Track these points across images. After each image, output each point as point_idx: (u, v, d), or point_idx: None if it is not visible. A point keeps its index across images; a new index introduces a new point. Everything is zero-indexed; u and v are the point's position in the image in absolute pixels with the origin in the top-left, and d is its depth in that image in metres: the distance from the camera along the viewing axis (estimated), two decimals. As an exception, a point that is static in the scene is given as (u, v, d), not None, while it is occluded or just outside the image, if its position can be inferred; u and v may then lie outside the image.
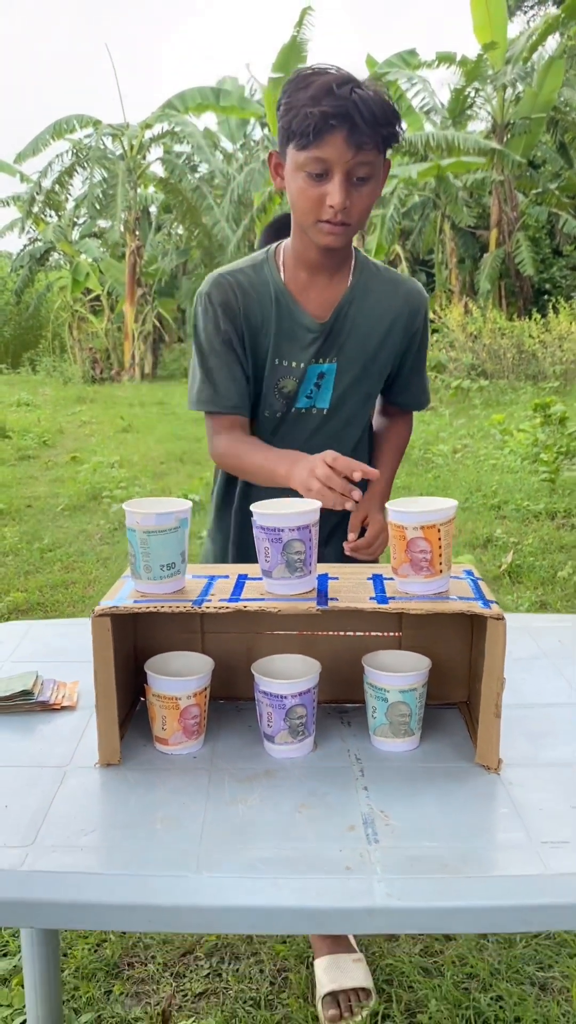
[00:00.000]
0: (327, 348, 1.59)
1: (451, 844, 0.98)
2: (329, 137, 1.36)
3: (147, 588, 1.17)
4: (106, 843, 0.99)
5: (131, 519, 1.16)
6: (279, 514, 1.14)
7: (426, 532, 1.13)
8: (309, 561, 1.16)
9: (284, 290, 1.58)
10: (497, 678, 1.11)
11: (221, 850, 0.97)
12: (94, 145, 15.45)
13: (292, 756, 1.17)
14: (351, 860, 0.95)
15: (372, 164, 1.41)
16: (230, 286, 1.57)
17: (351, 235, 1.50)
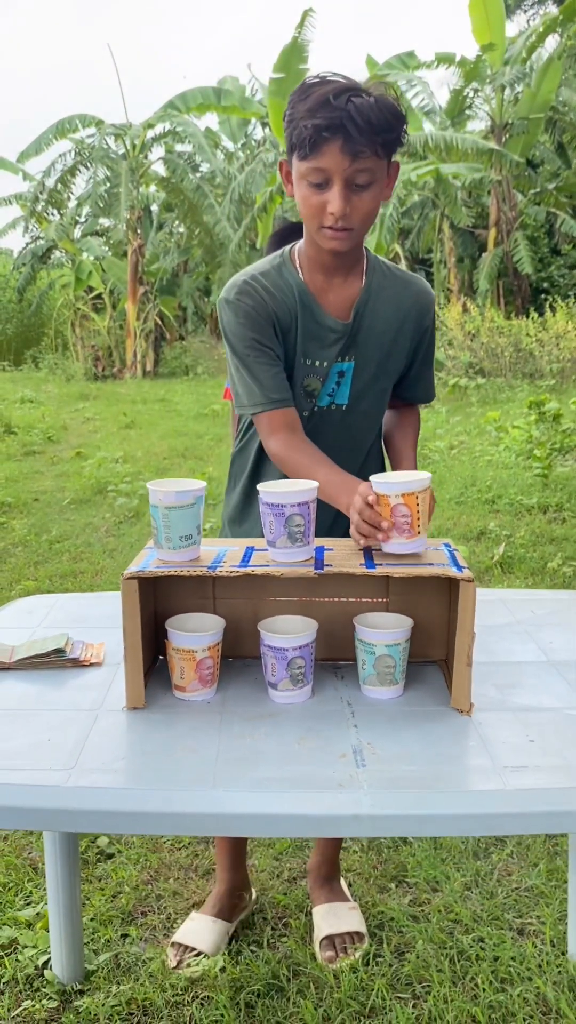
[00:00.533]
0: (347, 347, 1.67)
1: (427, 768, 1.17)
2: (326, 148, 1.43)
3: (167, 556, 1.36)
4: (136, 766, 1.17)
5: (154, 496, 1.34)
6: (282, 491, 1.32)
7: (406, 499, 1.32)
8: (308, 533, 1.34)
9: (306, 291, 1.64)
10: (468, 632, 1.29)
11: (233, 771, 1.16)
12: (97, 144, 15.61)
13: (293, 701, 1.36)
14: (342, 779, 1.14)
15: (371, 170, 1.47)
16: (257, 290, 1.62)
17: (356, 239, 1.57)
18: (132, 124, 16.15)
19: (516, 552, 4.92)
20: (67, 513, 6.20)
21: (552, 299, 14.31)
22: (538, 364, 12.39)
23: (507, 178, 15.36)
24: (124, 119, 16.44)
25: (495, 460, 7.12)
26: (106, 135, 15.82)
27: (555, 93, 14.69)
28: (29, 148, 16.24)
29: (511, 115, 15.13)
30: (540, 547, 5.02)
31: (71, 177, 16.49)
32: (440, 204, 15.95)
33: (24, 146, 16.38)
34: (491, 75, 14.91)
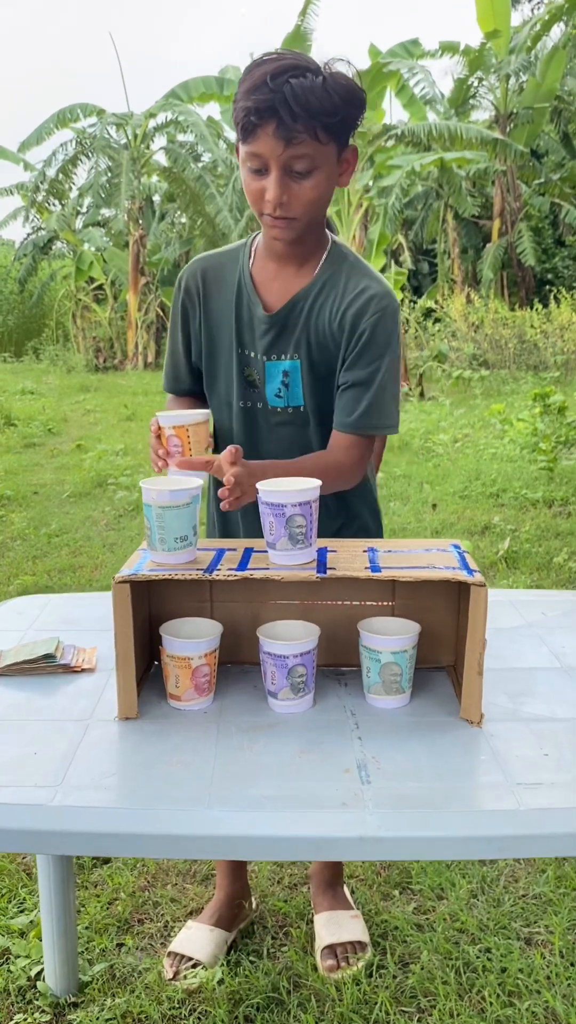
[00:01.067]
0: (283, 343, 1.56)
1: (436, 784, 1.10)
2: (260, 132, 1.36)
3: (161, 559, 1.29)
4: (127, 783, 1.11)
5: (147, 495, 1.28)
6: (283, 491, 1.26)
7: (177, 431, 1.39)
8: (310, 534, 1.27)
9: (248, 279, 1.58)
10: (479, 639, 1.23)
11: (230, 788, 1.09)
12: (98, 134, 15.50)
13: (293, 711, 1.29)
14: (346, 797, 1.07)
15: (310, 157, 1.38)
16: (193, 273, 1.63)
17: (300, 228, 1.47)
18: (134, 113, 16.03)
19: (521, 547, 4.85)
20: (67, 506, 6.14)
21: (556, 290, 14.21)
22: (542, 356, 12.31)
23: (511, 168, 15.24)
24: (126, 108, 16.32)
25: (500, 453, 7.04)
26: (107, 124, 15.69)
27: (560, 82, 14.55)
28: (30, 138, 16.12)
29: (516, 104, 15.00)
30: (546, 542, 4.95)
31: (72, 167, 16.38)
32: (444, 194, 15.83)
33: (25, 135, 16.27)
34: (496, 64, 14.78)
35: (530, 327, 12.56)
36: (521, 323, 12.67)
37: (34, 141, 16.11)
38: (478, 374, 11.42)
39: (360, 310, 1.51)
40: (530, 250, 15.01)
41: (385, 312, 1.51)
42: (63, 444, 8.52)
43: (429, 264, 18.36)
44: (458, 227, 16.52)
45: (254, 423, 1.62)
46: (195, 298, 1.62)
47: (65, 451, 8.13)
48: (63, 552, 5.08)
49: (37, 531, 5.49)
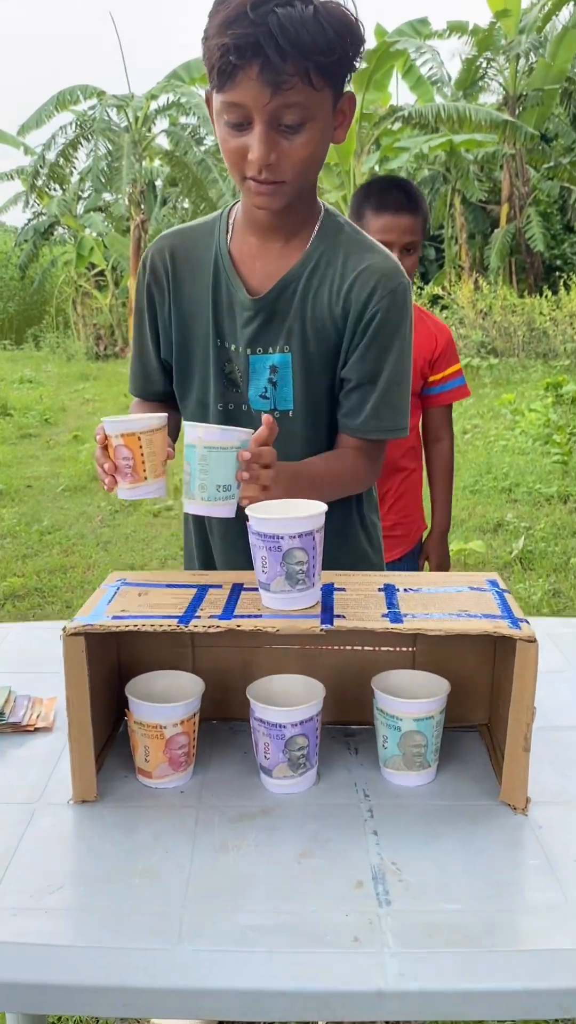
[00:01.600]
0: (270, 333, 1.30)
1: (474, 906, 0.85)
2: (241, 76, 1.08)
3: (198, 509, 1.10)
4: (76, 903, 0.86)
5: (192, 434, 1.09)
6: (278, 519, 1.00)
7: (127, 440, 1.12)
8: (312, 572, 1.02)
9: (226, 256, 1.31)
10: (527, 708, 0.97)
11: (207, 913, 0.84)
12: (98, 117, 15.16)
13: (292, 791, 1.04)
14: (359, 928, 0.82)
15: (302, 106, 1.11)
16: (162, 249, 1.35)
17: (289, 193, 1.21)
18: (135, 95, 15.68)
19: (536, 546, 4.59)
20: (60, 501, 5.89)
21: (566, 276, 13.88)
22: (552, 343, 11.99)
23: (520, 152, 14.87)
24: (127, 90, 15.96)
25: (511, 445, 6.76)
26: (108, 107, 15.35)
27: (571, 63, 14.15)
28: (29, 121, 15.77)
29: (525, 86, 14.61)
30: (562, 540, 4.69)
31: (72, 151, 16.04)
32: (451, 178, 15.48)
33: (24, 118, 15.93)
34: (505, 44, 14.39)
35: (539, 314, 12.24)
36: (530, 310, 12.35)
37: (34, 124, 15.76)
38: (487, 362, 11.13)
39: (366, 291, 1.26)
40: (539, 235, 14.64)
41: (395, 293, 1.27)
42: (60, 435, 8.27)
43: (436, 250, 17.99)
44: (465, 212, 16.16)
45: (235, 424, 1.32)
46: (163, 281, 1.35)
47: (61, 442, 7.88)
48: (55, 551, 4.84)
49: (28, 528, 5.25)
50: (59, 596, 4.16)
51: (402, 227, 1.99)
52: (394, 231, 1.99)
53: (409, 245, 2.02)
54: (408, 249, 2.02)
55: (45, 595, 4.18)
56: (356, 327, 1.27)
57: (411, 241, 2.02)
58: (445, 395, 2.23)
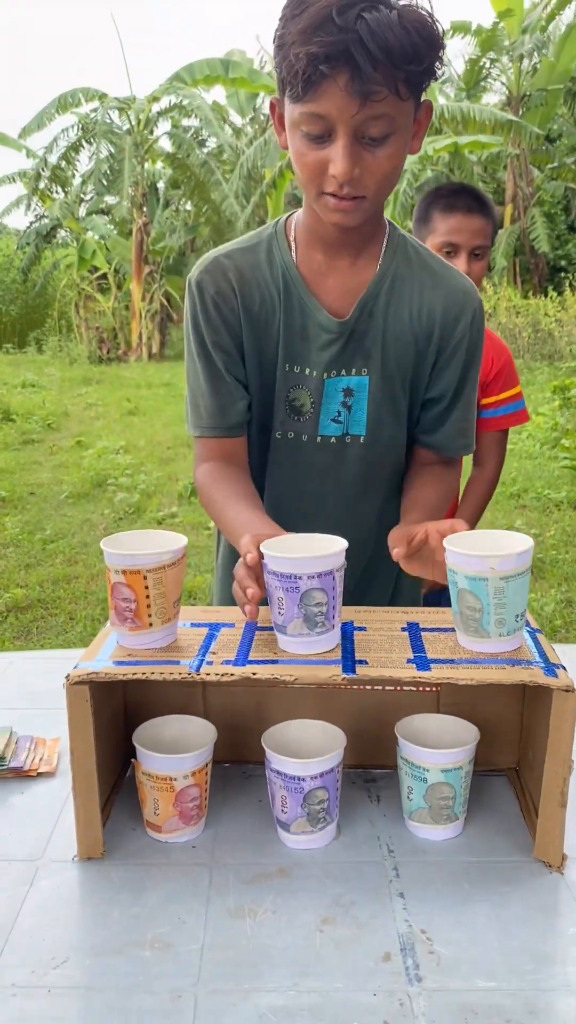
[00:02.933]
0: (350, 355, 1.25)
1: (512, 983, 0.78)
2: (326, 86, 1.02)
3: (490, 647, 0.97)
4: (82, 980, 0.79)
5: (478, 565, 0.93)
6: (295, 558, 0.93)
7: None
8: (332, 614, 0.95)
9: (296, 275, 1.24)
10: (564, 761, 0.91)
11: (223, 992, 0.77)
12: (100, 119, 15.12)
13: (311, 847, 0.97)
14: (389, 1010, 0.75)
15: (390, 117, 1.06)
16: (225, 271, 1.24)
17: (369, 210, 1.16)
18: (136, 98, 15.63)
19: (547, 554, 4.53)
20: (64, 508, 5.83)
21: (571, 277, 13.81)
22: (557, 345, 11.93)
23: (524, 152, 14.81)
24: (128, 92, 15.92)
25: (518, 449, 6.69)
26: (109, 109, 15.30)
27: (575, 64, 14.09)
28: (31, 123, 15.72)
29: (529, 86, 14.55)
30: (574, 548, 4.62)
31: (74, 153, 16.00)
32: (455, 179, 15.41)
33: (26, 121, 15.90)
34: (508, 44, 14.33)
35: (544, 315, 12.18)
36: (535, 311, 12.30)
37: (35, 127, 15.71)
38: (492, 364, 11.05)
39: (453, 313, 1.25)
40: (543, 236, 14.58)
41: (477, 312, 1.27)
42: (63, 440, 8.21)
43: (439, 251, 17.95)
44: (469, 213, 16.09)
45: (292, 456, 1.29)
46: (233, 303, 1.24)
47: (64, 448, 7.82)
48: (58, 560, 4.78)
49: (31, 536, 5.18)
50: (62, 608, 4.10)
51: (473, 229, 1.93)
52: (464, 233, 1.93)
53: (478, 249, 1.95)
54: (477, 254, 1.96)
55: (48, 607, 4.12)
56: (442, 346, 1.26)
57: (480, 245, 1.95)
58: (498, 420, 2.09)
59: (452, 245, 1.93)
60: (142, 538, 1.02)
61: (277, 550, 0.96)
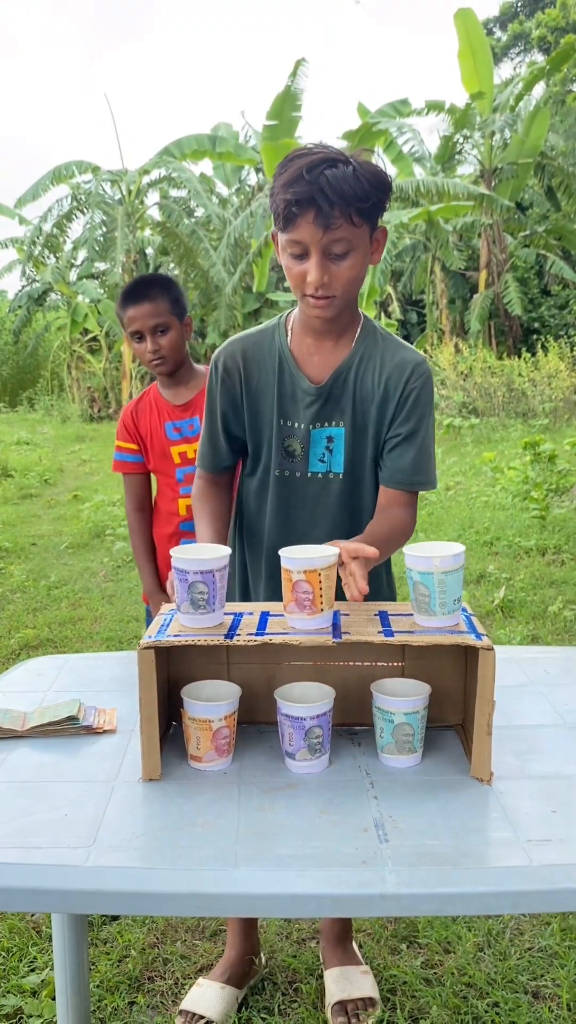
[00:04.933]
0: (328, 411, 1.67)
1: (450, 842, 1.15)
2: (300, 220, 1.46)
3: (439, 623, 1.34)
4: (156, 843, 1.16)
5: (427, 563, 1.32)
6: (187, 559, 1.33)
7: (308, 575, 1.31)
8: (213, 600, 1.35)
9: (288, 355, 1.68)
10: (488, 701, 1.29)
11: (254, 848, 1.14)
12: (93, 190, 15.83)
13: (311, 771, 1.35)
14: (366, 855, 1.12)
15: (347, 240, 1.48)
16: (232, 354, 1.71)
17: (340, 305, 1.58)
18: (128, 170, 16.39)
19: (516, 596, 4.92)
20: (65, 558, 6.19)
21: (543, 339, 14.45)
22: (531, 403, 12.47)
23: (497, 222, 15.59)
24: (120, 165, 16.69)
25: (492, 501, 7.14)
26: (103, 181, 16.04)
27: (543, 139, 14.95)
28: (26, 194, 16.44)
29: (500, 160, 15.40)
30: (540, 590, 5.02)
31: (67, 221, 16.69)
32: (432, 247, 16.17)
33: (21, 191, 16.60)
34: (480, 122, 15.20)
35: (518, 375, 12.75)
36: (509, 371, 12.87)
37: (30, 197, 16.43)
38: (468, 422, 11.58)
39: (404, 376, 1.66)
40: (517, 300, 15.29)
41: (426, 378, 1.68)
42: (60, 495, 8.60)
43: (418, 314, 18.67)
44: (445, 278, 16.85)
45: (288, 489, 1.72)
46: (236, 377, 1.70)
47: (62, 501, 8.20)
48: (63, 604, 5.12)
49: (36, 583, 5.53)
50: (70, 646, 4.44)
51: (144, 314, 2.27)
52: (138, 320, 2.27)
53: (159, 327, 2.28)
54: (161, 331, 2.28)
55: (57, 645, 4.46)
56: (399, 401, 1.66)
57: (157, 324, 2.27)
58: None
59: (137, 332, 2.30)
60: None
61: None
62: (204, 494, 1.81)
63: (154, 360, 2.32)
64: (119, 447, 2.47)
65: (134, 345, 2.35)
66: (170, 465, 2.41)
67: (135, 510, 2.49)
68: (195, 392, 2.39)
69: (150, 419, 2.42)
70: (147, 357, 2.32)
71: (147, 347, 2.30)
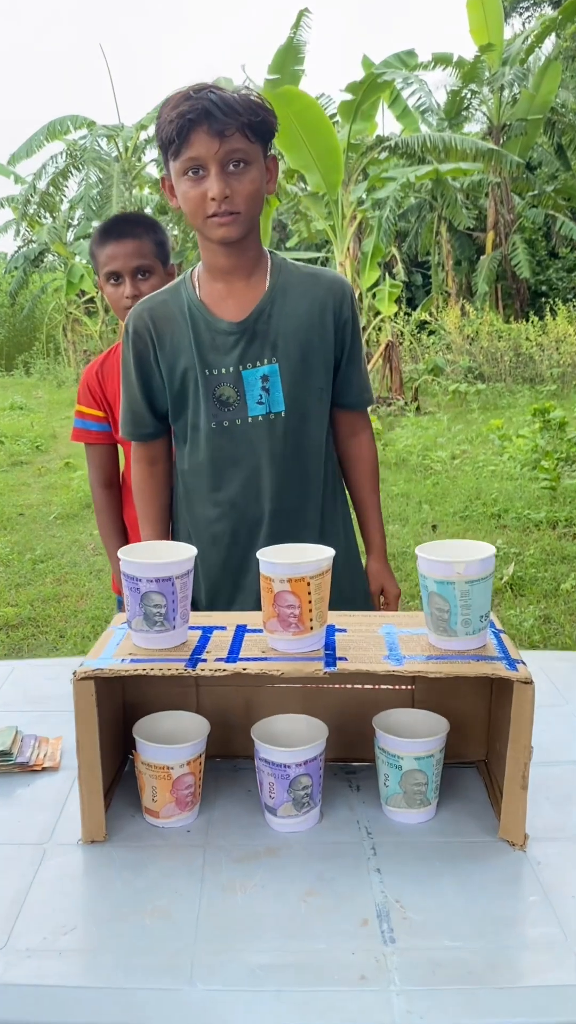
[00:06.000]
0: (257, 350, 1.58)
1: (476, 944, 0.88)
2: (193, 135, 1.43)
3: (460, 645, 1.06)
4: (89, 944, 0.88)
5: (445, 570, 1.02)
6: (138, 563, 1.05)
7: (293, 585, 1.02)
8: (172, 616, 1.06)
9: (199, 304, 1.59)
10: (524, 747, 1.00)
11: (217, 952, 0.86)
12: (89, 146, 15.31)
13: (296, 830, 1.07)
14: (365, 966, 0.84)
15: (244, 151, 1.45)
16: (139, 315, 1.62)
17: (245, 224, 1.51)
18: (124, 125, 15.86)
19: (527, 572, 4.63)
20: (53, 529, 5.91)
21: (551, 302, 14.05)
22: (538, 369, 12.13)
23: (505, 180, 15.10)
24: (116, 120, 16.14)
25: (499, 471, 6.83)
26: (98, 137, 15.51)
27: (554, 95, 14.41)
28: (20, 150, 15.92)
29: (509, 116, 14.87)
30: (552, 566, 4.73)
31: (63, 180, 16.19)
32: (438, 206, 15.69)
33: (15, 147, 16.07)
34: (489, 76, 14.64)
35: (525, 340, 12.38)
36: (516, 336, 12.50)
37: (24, 154, 15.91)
38: (474, 388, 11.23)
39: (340, 297, 1.62)
40: (524, 262, 14.84)
41: (353, 296, 1.66)
42: (51, 462, 8.29)
43: (423, 276, 18.19)
44: (452, 239, 16.36)
45: (227, 439, 1.59)
46: (147, 339, 1.61)
47: (53, 470, 7.90)
48: (48, 579, 4.85)
49: (21, 556, 5.26)
50: (53, 626, 4.17)
51: (127, 252, 1.96)
52: (119, 258, 1.96)
53: (141, 270, 1.97)
54: (142, 274, 1.97)
55: (39, 625, 4.19)
56: (339, 325, 1.62)
57: (140, 265, 1.97)
58: None
59: (114, 273, 1.97)
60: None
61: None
62: (144, 484, 1.72)
63: (131, 307, 1.99)
64: (81, 413, 2.13)
65: (107, 288, 2.01)
66: None
67: (102, 486, 2.16)
68: None
69: (118, 381, 2.09)
70: (123, 303, 1.98)
71: (125, 291, 1.97)
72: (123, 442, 2.13)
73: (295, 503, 1.61)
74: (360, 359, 1.69)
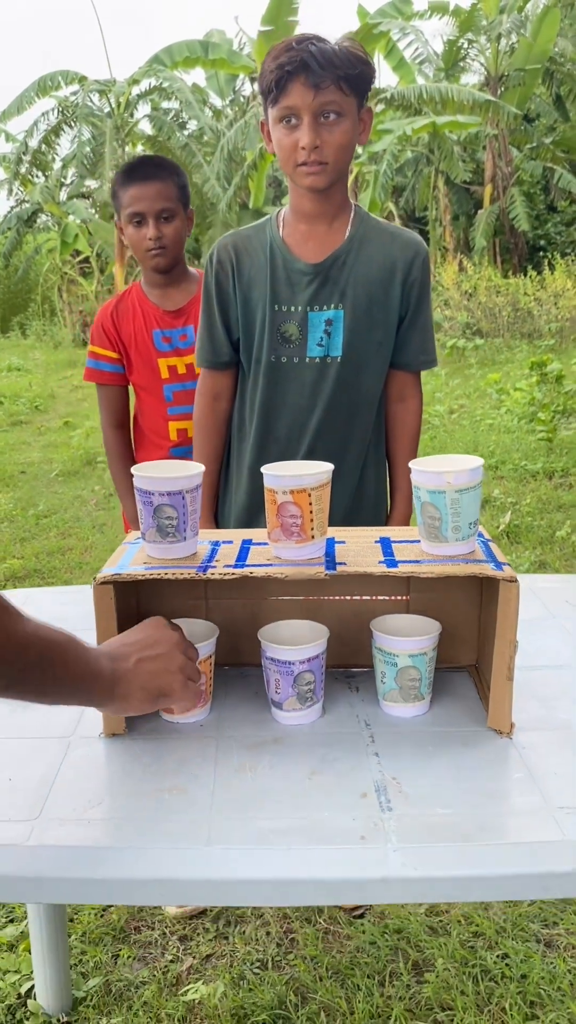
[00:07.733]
0: (327, 293, 1.66)
1: (466, 811, 0.97)
2: (290, 85, 1.51)
3: (452, 550, 1.12)
4: (114, 815, 0.97)
5: (438, 480, 1.09)
6: (150, 477, 1.13)
7: (296, 496, 1.10)
8: (183, 527, 1.13)
9: (280, 242, 1.68)
10: (509, 641, 1.09)
11: (231, 820, 0.95)
12: (80, 102, 15.10)
13: (301, 722, 1.15)
14: (365, 829, 0.93)
15: (337, 103, 1.52)
16: (224, 246, 1.71)
17: (333, 175, 1.59)
18: (116, 80, 15.61)
19: (523, 520, 4.72)
20: (55, 486, 5.98)
21: (550, 256, 13.97)
22: (536, 323, 12.10)
23: (503, 132, 14.94)
24: (108, 75, 15.90)
25: (497, 424, 6.89)
26: (90, 92, 15.28)
27: (552, 43, 14.19)
28: (10, 107, 15.68)
29: (507, 67, 14.66)
30: (547, 515, 4.82)
31: (55, 137, 15.98)
32: (435, 160, 15.52)
33: (5, 105, 15.85)
34: (486, 24, 14.42)
35: (524, 294, 12.34)
36: (515, 290, 12.45)
37: (15, 111, 15.67)
38: (472, 343, 11.22)
39: (411, 257, 1.69)
40: (523, 216, 14.73)
41: (427, 259, 1.73)
42: (50, 421, 8.34)
43: (420, 231, 18.06)
44: (449, 193, 16.22)
45: (282, 374, 1.69)
46: (228, 269, 1.70)
47: (53, 428, 7.95)
48: (52, 534, 4.93)
49: (25, 512, 5.33)
50: (58, 576, 4.26)
51: (151, 195, 2.00)
52: (144, 200, 2.01)
53: (164, 212, 2.02)
54: (165, 217, 2.03)
55: (44, 576, 4.28)
56: (407, 284, 1.69)
57: (164, 208, 2.02)
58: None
59: (137, 214, 2.02)
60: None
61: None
62: (204, 420, 1.80)
63: (154, 249, 2.04)
64: (94, 353, 2.19)
65: (129, 230, 2.06)
66: (157, 381, 2.14)
67: (113, 427, 2.23)
68: (189, 298, 2.13)
69: (134, 323, 2.14)
70: (146, 244, 2.04)
71: (148, 232, 2.02)
72: (135, 384, 2.19)
73: (335, 450, 1.68)
74: (424, 322, 1.73)
